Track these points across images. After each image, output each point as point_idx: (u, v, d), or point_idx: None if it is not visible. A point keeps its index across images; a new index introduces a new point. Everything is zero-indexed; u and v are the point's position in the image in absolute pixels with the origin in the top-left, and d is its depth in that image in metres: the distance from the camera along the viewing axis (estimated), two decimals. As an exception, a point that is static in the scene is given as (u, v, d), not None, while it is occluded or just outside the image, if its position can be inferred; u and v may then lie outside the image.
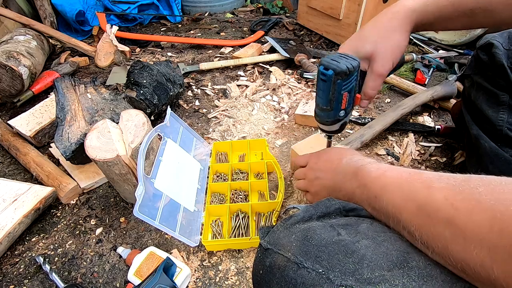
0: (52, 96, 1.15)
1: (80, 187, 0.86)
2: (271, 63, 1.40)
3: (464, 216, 0.28)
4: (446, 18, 0.51)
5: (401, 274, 0.29)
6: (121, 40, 1.54)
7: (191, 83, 1.30)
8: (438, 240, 0.29)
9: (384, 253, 0.31)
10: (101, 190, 0.89)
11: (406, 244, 0.32)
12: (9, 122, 1.03)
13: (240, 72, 1.35)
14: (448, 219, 0.29)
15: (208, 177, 0.86)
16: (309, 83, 1.25)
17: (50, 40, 1.47)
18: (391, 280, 0.28)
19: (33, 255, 0.74)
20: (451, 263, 0.28)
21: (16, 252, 0.75)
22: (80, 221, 0.81)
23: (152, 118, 1.04)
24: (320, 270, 0.31)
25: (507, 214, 0.25)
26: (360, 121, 1.04)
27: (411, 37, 1.47)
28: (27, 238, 0.78)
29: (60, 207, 0.85)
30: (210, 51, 1.55)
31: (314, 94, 1.18)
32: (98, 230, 0.79)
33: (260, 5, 2.04)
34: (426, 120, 1.04)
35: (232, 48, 1.54)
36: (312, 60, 1.38)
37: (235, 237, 0.72)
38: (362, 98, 0.58)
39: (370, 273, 0.29)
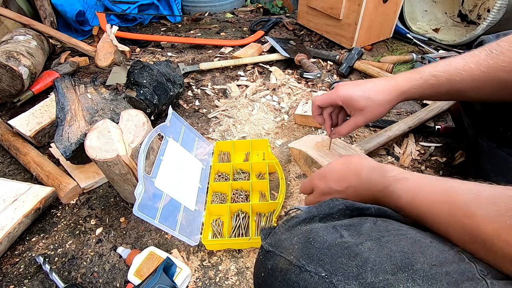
0: (52, 96, 1.15)
1: (80, 187, 0.86)
2: (271, 63, 1.40)
3: None
4: (427, 97, 0.62)
5: (406, 278, 0.28)
6: (121, 40, 1.54)
7: (191, 83, 1.30)
8: (501, 268, 0.30)
9: (387, 255, 0.30)
10: (101, 190, 0.89)
11: (411, 243, 0.32)
12: (9, 122, 1.03)
13: (240, 72, 1.35)
14: (506, 255, 0.29)
15: (209, 177, 0.86)
16: (309, 83, 1.25)
17: (50, 40, 1.47)
18: (395, 284, 0.28)
19: (33, 255, 0.74)
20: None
21: (16, 252, 0.75)
22: (80, 221, 0.81)
23: (152, 118, 1.04)
24: (323, 274, 0.31)
25: None
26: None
27: (411, 36, 1.47)
28: (27, 238, 0.78)
29: (60, 207, 0.85)
30: (210, 51, 1.55)
31: (314, 94, 1.18)
32: (98, 230, 0.78)
33: (260, 5, 2.04)
34: (426, 120, 1.04)
35: (232, 48, 1.54)
36: (312, 60, 1.38)
37: (235, 237, 0.72)
38: (333, 132, 0.70)
39: (374, 277, 0.29)
